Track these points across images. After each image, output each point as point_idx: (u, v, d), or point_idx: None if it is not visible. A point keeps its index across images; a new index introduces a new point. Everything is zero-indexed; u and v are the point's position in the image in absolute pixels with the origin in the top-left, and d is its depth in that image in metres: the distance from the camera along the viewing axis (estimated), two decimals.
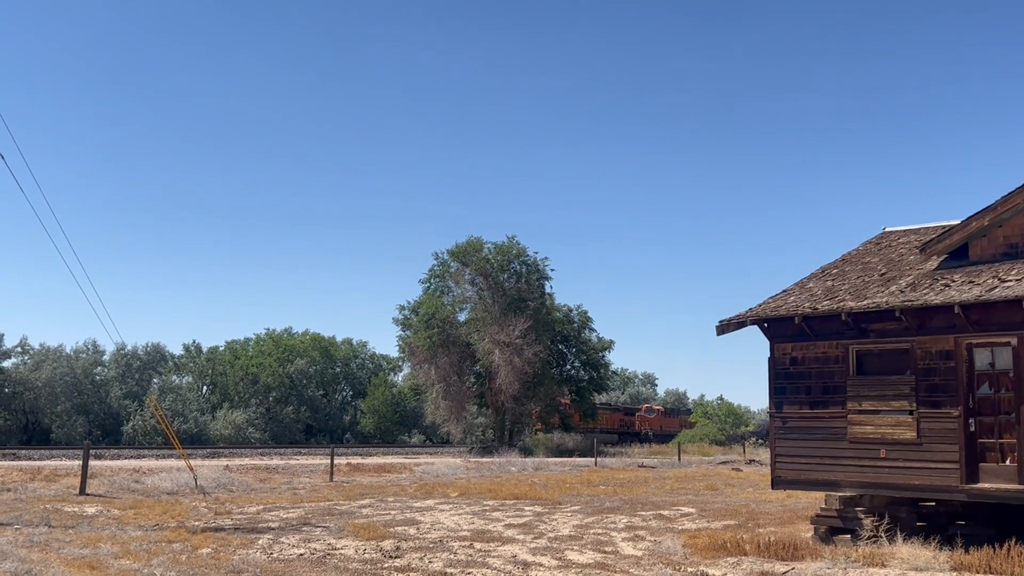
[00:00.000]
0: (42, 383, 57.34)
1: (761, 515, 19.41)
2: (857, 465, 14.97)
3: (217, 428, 59.69)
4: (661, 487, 27.86)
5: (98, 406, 59.54)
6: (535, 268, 55.41)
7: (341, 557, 12.73)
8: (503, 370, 51.06)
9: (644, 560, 12.86)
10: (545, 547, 14.07)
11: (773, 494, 22.40)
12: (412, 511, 19.46)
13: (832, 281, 16.82)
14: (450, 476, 31.16)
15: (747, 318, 16.29)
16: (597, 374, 61.01)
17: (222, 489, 24.23)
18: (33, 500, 19.82)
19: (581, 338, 60.00)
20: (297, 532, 15.44)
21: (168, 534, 14.62)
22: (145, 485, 23.90)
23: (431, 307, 53.83)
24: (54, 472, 25.51)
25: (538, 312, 53.77)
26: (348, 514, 18.56)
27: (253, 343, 75.59)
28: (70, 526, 15.53)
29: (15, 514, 16.82)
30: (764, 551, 13.24)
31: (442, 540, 14.68)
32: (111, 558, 11.99)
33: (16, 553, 11.94)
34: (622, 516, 19.02)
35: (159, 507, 19.11)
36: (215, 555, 12.54)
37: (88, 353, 63.42)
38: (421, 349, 53.32)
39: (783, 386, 16.06)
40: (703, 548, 13.74)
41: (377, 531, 15.43)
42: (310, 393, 71.99)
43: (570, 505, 21.37)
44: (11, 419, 56.58)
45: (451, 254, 55.41)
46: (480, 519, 18.05)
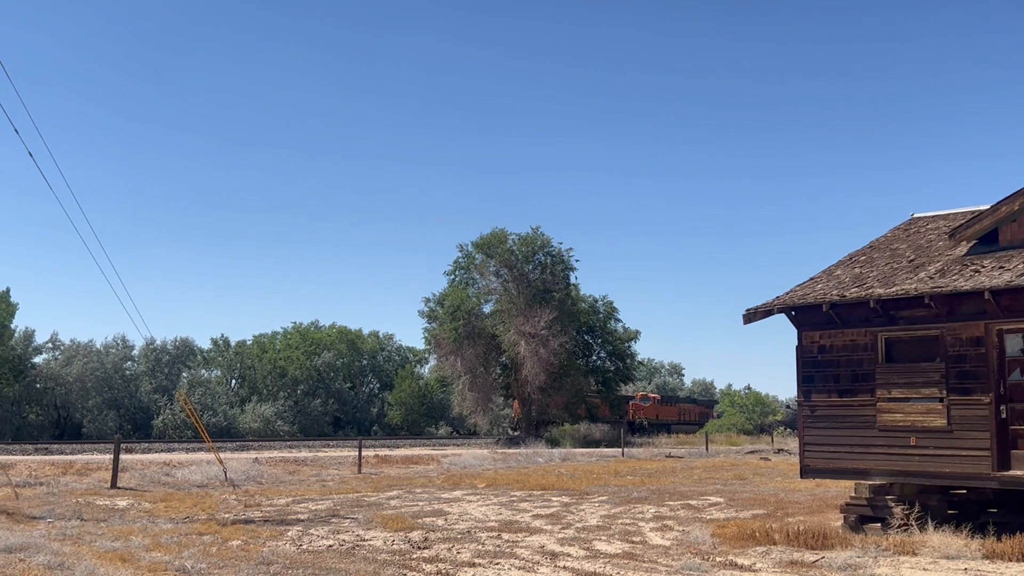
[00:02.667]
0: (73, 378, 57.95)
1: (790, 504, 19.32)
2: (887, 453, 14.85)
3: (246, 421, 60.11)
4: (689, 477, 27.78)
5: (128, 400, 60.10)
6: (560, 259, 55.34)
7: (370, 548, 12.78)
8: (529, 361, 51.06)
9: (672, 550, 12.83)
10: (573, 537, 14.06)
11: (802, 483, 22.29)
12: (440, 502, 19.51)
13: (860, 268, 16.67)
14: (477, 467, 31.22)
15: (774, 306, 16.18)
16: (623, 364, 60.92)
17: (251, 482, 24.40)
18: (65, 494, 20.04)
19: (607, 329, 59.90)
20: (326, 524, 15.52)
21: (198, 526, 14.73)
22: (175, 478, 24.10)
23: (456, 299, 53.89)
24: (86, 466, 25.78)
25: (563, 303, 53.72)
26: (376, 505, 18.63)
27: (281, 337, 76.07)
28: (102, 519, 15.69)
29: (48, 508, 17.01)
30: (793, 540, 13.17)
31: (470, 531, 14.71)
32: (142, 551, 12.10)
33: (49, 546, 12.07)
34: (650, 506, 18.98)
35: (189, 500, 19.27)
36: (245, 547, 12.63)
37: (118, 348, 64.01)
38: (447, 341, 53.39)
39: (811, 374, 15.94)
40: (732, 538, 13.69)
41: (405, 522, 15.47)
42: (337, 386, 72.36)
43: (597, 495, 21.35)
44: (43, 414, 57.21)
45: (476, 246, 55.44)
46: (508, 510, 18.07)
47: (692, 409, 78.97)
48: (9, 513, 15.87)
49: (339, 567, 11.21)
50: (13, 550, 11.57)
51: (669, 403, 76.10)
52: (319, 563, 11.49)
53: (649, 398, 70.97)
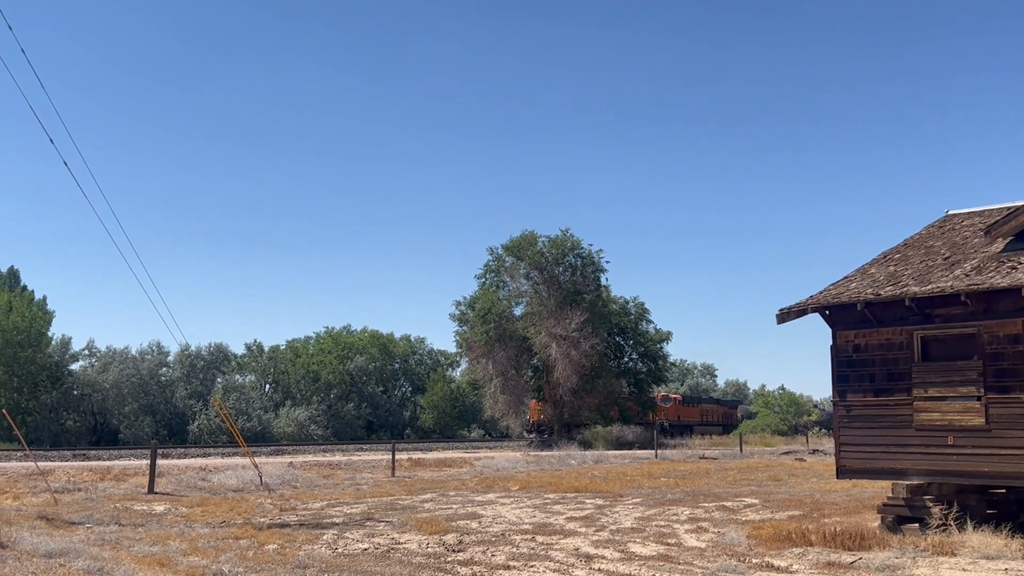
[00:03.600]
0: (110, 385, 58.55)
1: (826, 505, 19.16)
2: (924, 453, 14.69)
3: (280, 426, 60.49)
4: (723, 478, 27.62)
5: (164, 406, 60.65)
6: (590, 260, 55.21)
7: (405, 551, 12.83)
8: (560, 363, 50.96)
9: (708, 552, 12.76)
10: (607, 540, 14.03)
11: (838, 484, 22.10)
12: (473, 505, 19.53)
13: (895, 266, 16.51)
14: (510, 470, 31.23)
15: (808, 306, 16.06)
16: (655, 366, 60.62)
17: (286, 486, 24.55)
18: (103, 499, 20.26)
19: (638, 330, 59.66)
20: (361, 527, 15.58)
21: (235, 531, 14.84)
22: (211, 483, 24.29)
23: (487, 302, 53.91)
24: (123, 472, 26.04)
25: (594, 305, 53.57)
26: (410, 509, 18.69)
27: (313, 341, 76.51)
28: (139, 524, 15.86)
29: (86, 513, 17.20)
30: (830, 541, 13.06)
31: (504, 533, 14.71)
32: (180, 555, 12.21)
33: (88, 551, 12.21)
34: (684, 508, 18.89)
35: (225, 504, 19.42)
36: (281, 551, 12.71)
37: (153, 354, 64.63)
38: (478, 344, 53.41)
39: (846, 374, 15.81)
40: (768, 539, 13.60)
41: (439, 525, 15.51)
42: (370, 390, 72.64)
43: (631, 497, 21.29)
44: (80, 420, 57.85)
45: (506, 249, 55.42)
46: (541, 512, 18.06)
47: (715, 410, 76.84)
48: (49, 519, 16.07)
49: (374, 570, 11.25)
50: (53, 555, 11.72)
51: (691, 404, 73.64)
52: (355, 566, 11.54)
53: (670, 399, 68.03)
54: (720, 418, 75.67)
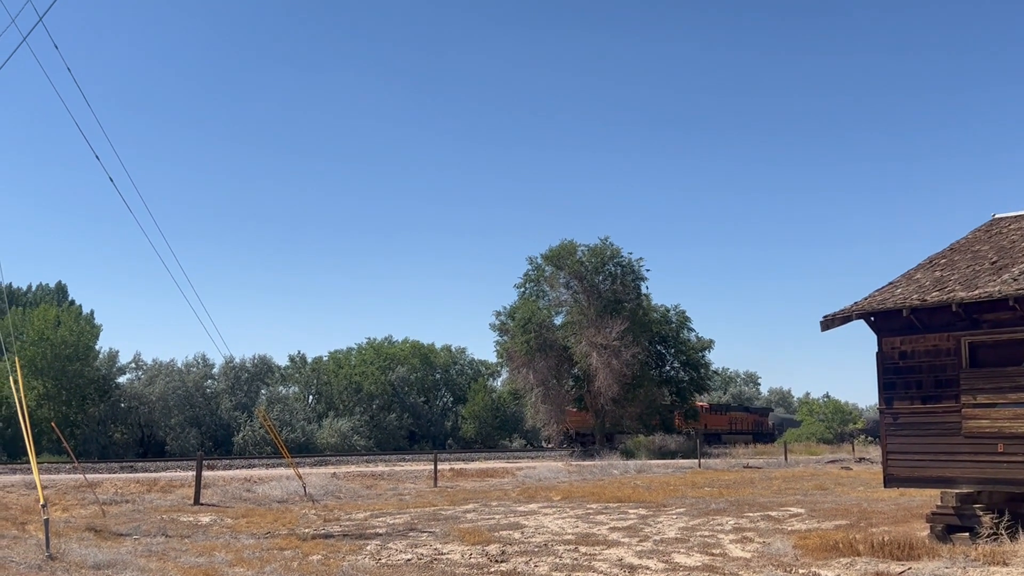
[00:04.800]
0: (156, 397, 59.21)
1: (874, 514, 18.88)
2: (973, 461, 14.44)
3: (323, 436, 60.80)
4: (768, 488, 27.34)
5: (209, 418, 61.20)
6: (630, 269, 54.99)
7: (448, 562, 12.83)
8: (601, 373, 50.75)
9: (753, 562, 12.63)
10: (651, 550, 13.93)
11: (885, 492, 21.77)
12: (516, 515, 19.49)
13: (941, 271, 16.26)
14: (552, 480, 31.14)
15: (852, 312, 15.87)
16: (697, 375, 60.15)
17: (330, 496, 24.67)
18: (150, 511, 20.49)
19: (679, 338, 59.27)
20: (404, 537, 15.61)
21: (279, 541, 14.94)
22: (256, 494, 24.47)
23: (527, 311, 53.87)
24: (169, 483, 26.33)
25: (635, 313, 53.34)
26: (453, 519, 18.69)
27: (355, 352, 76.93)
28: (186, 535, 16.01)
29: (134, 524, 17.40)
30: (878, 551, 12.87)
31: (547, 544, 14.66)
32: (226, 566, 12.31)
33: (136, 562, 12.34)
34: (729, 518, 18.72)
35: (270, 515, 19.55)
36: (325, 561, 12.77)
37: (199, 367, 65.26)
38: (519, 354, 53.35)
39: (893, 381, 15.58)
40: (814, 549, 13.43)
41: (482, 535, 15.49)
42: (412, 400, 72.84)
43: (675, 507, 21.13)
44: (128, 433, 58.55)
45: (545, 258, 55.37)
46: (584, 522, 17.98)
47: (745, 418, 74.30)
48: (97, 530, 16.28)
49: None
50: (101, 567, 11.86)
51: (719, 412, 70.71)
52: None
53: (696, 407, 64.03)
54: (750, 426, 73.62)
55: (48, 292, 79.43)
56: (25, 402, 14.83)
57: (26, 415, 14.40)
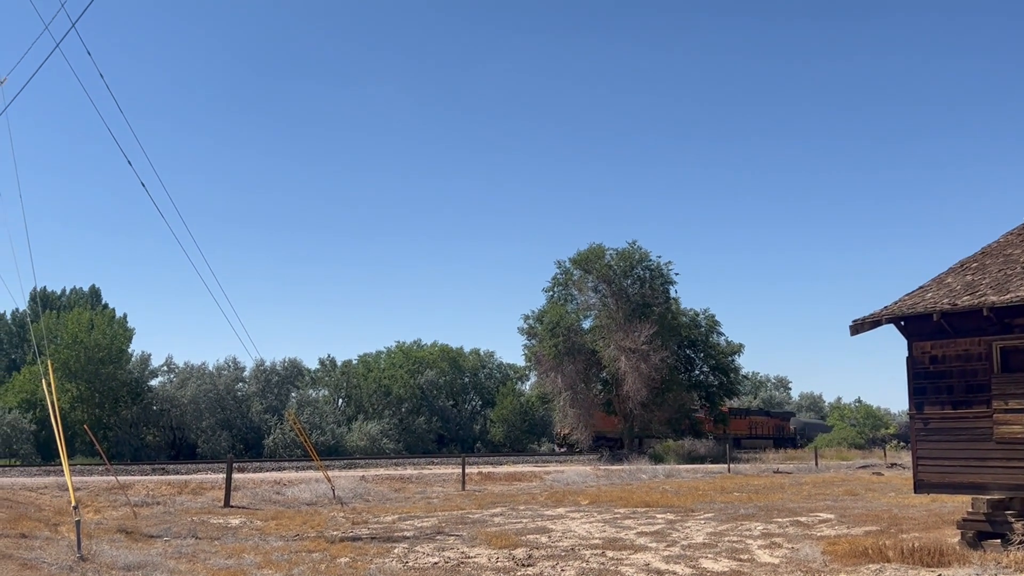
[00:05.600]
0: (187, 400, 59.70)
1: (904, 520, 18.71)
2: (1005, 467, 14.27)
3: (353, 439, 61.06)
4: (798, 493, 27.15)
5: (240, 421, 61.61)
6: (659, 273, 54.77)
7: (474, 565, 12.85)
8: (630, 377, 50.58)
9: (781, 568, 12.56)
10: (679, 555, 13.89)
11: (916, 498, 21.58)
12: (543, 519, 19.49)
13: (972, 275, 16.09)
14: (580, 484, 31.10)
15: (882, 317, 15.73)
16: (727, 379, 59.80)
17: (359, 499, 24.79)
18: (181, 513, 20.68)
19: (709, 342, 58.96)
20: (431, 541, 15.66)
21: (308, 544, 15.03)
22: (286, 496, 24.64)
23: (555, 315, 53.80)
24: (200, 485, 26.55)
25: (663, 317, 53.12)
26: (480, 523, 18.72)
27: (385, 356, 77.21)
28: (215, 537, 16.14)
29: (164, 526, 17.57)
30: (908, 557, 12.75)
31: (574, 548, 14.66)
32: (254, 568, 12.40)
33: (166, 564, 12.47)
34: (757, 523, 18.61)
35: (299, 518, 19.68)
36: (353, 564, 12.84)
37: (230, 370, 65.72)
38: (547, 357, 53.29)
39: (923, 386, 15.44)
40: (843, 555, 13.33)
41: (509, 539, 15.51)
42: (440, 403, 72.98)
43: (703, 512, 21.04)
44: (159, 435, 59.07)
45: (573, 262, 55.30)
46: (611, 527, 17.95)
47: (765, 422, 72.39)
48: (128, 532, 16.46)
49: None
50: (132, 568, 11.99)
51: (738, 416, 68.20)
52: None
53: (723, 411, 62.08)
54: (771, 431, 72.00)
55: (82, 296, 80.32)
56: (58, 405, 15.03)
57: (59, 418, 14.59)
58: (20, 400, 54.15)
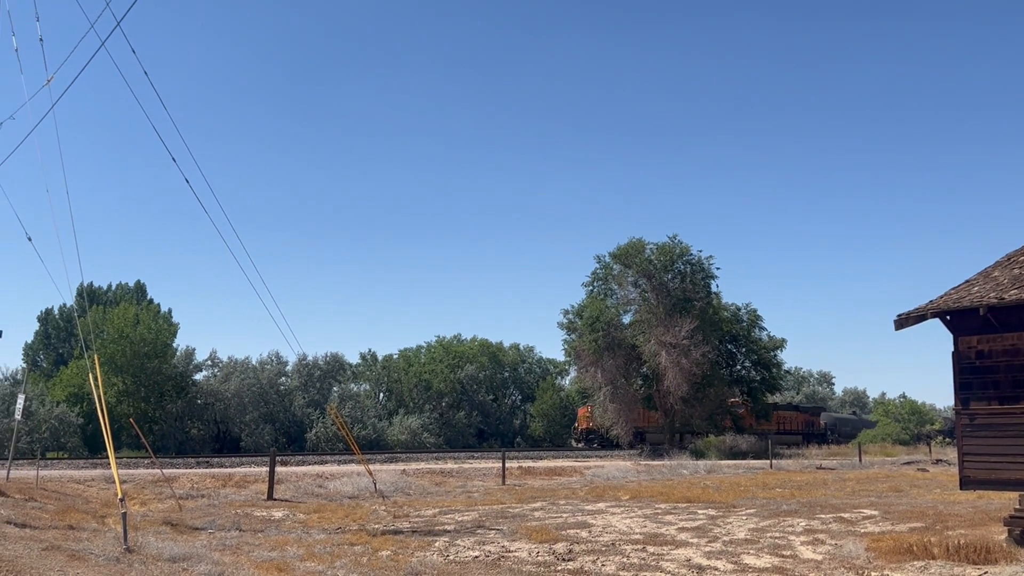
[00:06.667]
0: (231, 394, 60.37)
1: (949, 517, 18.45)
2: None
3: (394, 433, 61.41)
4: (841, 489, 26.88)
5: (283, 414, 62.19)
6: (699, 267, 54.42)
7: (515, 559, 12.87)
8: (670, 372, 50.35)
9: (824, 564, 12.44)
10: (720, 551, 13.81)
11: (962, 495, 21.28)
12: (583, 514, 19.47)
13: (1019, 269, 15.81)
14: (620, 479, 31.01)
15: (928, 311, 15.52)
16: (769, 374, 59.29)
17: (400, 493, 24.92)
18: (225, 505, 20.92)
19: (751, 337, 58.48)
20: (472, 535, 15.71)
21: (350, 537, 15.14)
22: (328, 490, 24.83)
23: (595, 310, 53.67)
24: (244, 478, 26.85)
25: (704, 312, 52.80)
26: (521, 517, 18.74)
27: (425, 350, 77.56)
28: (259, 530, 16.32)
29: (209, 519, 17.79)
30: (953, 554, 12.58)
31: (614, 543, 14.63)
32: (297, 560, 12.52)
33: (210, 556, 12.62)
34: (800, 519, 18.45)
35: (341, 511, 19.82)
36: (394, 557, 12.91)
37: (272, 364, 66.35)
38: (587, 352, 53.20)
39: (969, 381, 15.21)
40: (887, 552, 13.18)
41: (549, 534, 15.51)
42: (480, 398, 73.16)
43: (745, 508, 20.90)
44: (204, 429, 59.79)
45: (613, 256, 55.11)
46: (652, 522, 17.89)
47: (794, 417, 70.69)
48: (173, 524, 16.69)
49: None
50: (177, 559, 12.15)
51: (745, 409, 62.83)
52: (466, 574, 11.65)
53: (740, 405, 60.64)
54: (800, 426, 70.56)
55: (128, 291, 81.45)
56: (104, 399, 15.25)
57: (105, 411, 14.82)
58: (68, 394, 55.06)
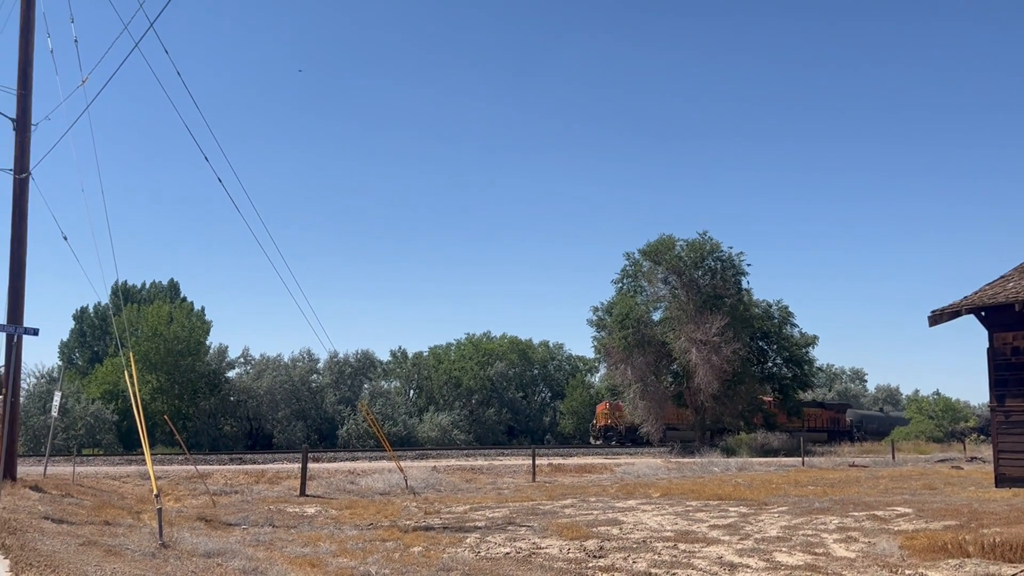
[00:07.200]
0: (263, 391, 60.86)
1: (985, 515, 18.24)
2: None
3: (424, 430, 61.66)
4: (874, 487, 26.65)
5: (315, 411, 62.60)
6: (730, 263, 54.14)
7: (546, 556, 12.89)
8: (701, 369, 50.15)
9: (858, 562, 12.35)
10: (752, 548, 13.75)
11: (997, 492, 20.99)
12: (614, 511, 19.45)
13: None
14: (651, 476, 30.94)
15: (962, 307, 15.39)
16: (800, 371, 58.87)
17: (430, 489, 25.01)
18: (258, 501, 21.09)
19: (782, 334, 58.10)
20: (503, 531, 15.74)
21: (382, 533, 15.22)
22: (359, 486, 24.96)
23: (625, 307, 53.54)
24: (276, 475, 27.06)
25: (735, 309, 52.52)
26: (551, 514, 18.75)
27: (455, 348, 77.78)
28: (292, 526, 16.44)
29: (242, 515, 17.94)
30: (989, 553, 12.44)
31: (646, 540, 14.60)
32: (330, 556, 12.61)
33: (244, 551, 12.73)
34: (833, 517, 18.32)
35: (373, 507, 19.92)
36: (426, 553, 12.97)
37: (304, 361, 66.80)
38: (616, 350, 53.08)
39: (1004, 378, 15.06)
40: (921, 550, 13.05)
41: (580, 531, 15.51)
42: (510, 395, 73.26)
43: (777, 506, 20.78)
44: (237, 425, 60.33)
45: (643, 253, 54.95)
46: (683, 520, 17.84)
47: (819, 414, 69.09)
48: (207, 520, 16.85)
49: (516, 574, 11.35)
50: (212, 555, 12.27)
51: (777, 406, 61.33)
52: (497, 570, 11.67)
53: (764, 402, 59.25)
54: (824, 423, 69.17)
55: (161, 289, 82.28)
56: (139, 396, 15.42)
57: (140, 408, 14.99)
58: (103, 391, 55.75)
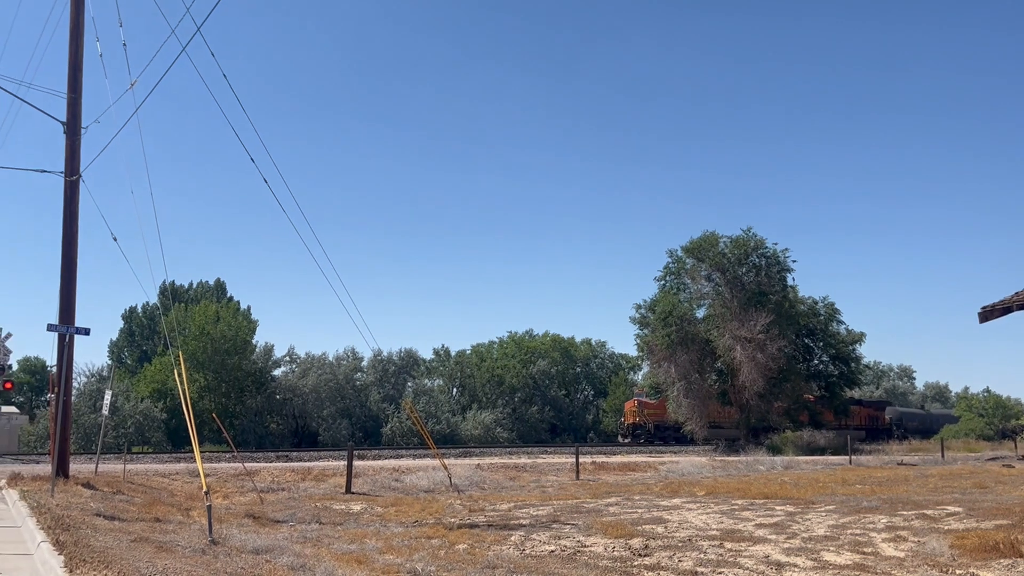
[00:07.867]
0: (309, 389, 61.40)
1: None
2: None
3: (467, 428, 61.84)
4: (923, 485, 26.30)
5: (359, 409, 63.03)
6: (775, 260, 53.58)
7: (591, 554, 12.88)
8: (745, 367, 49.71)
9: (907, 562, 12.20)
10: (799, 547, 13.63)
11: None
12: (659, 510, 19.38)
13: None
14: (696, 475, 30.79)
15: (1014, 303, 15.09)
16: (847, 368, 58.10)
17: (474, 487, 25.10)
18: (305, 499, 21.30)
19: (828, 331, 57.36)
20: (547, 529, 15.75)
21: (427, 530, 15.30)
22: (404, 483, 25.11)
23: (668, 304, 53.23)
24: (322, 472, 27.30)
25: (780, 306, 52.00)
26: (595, 512, 18.73)
27: (497, 346, 77.89)
28: (338, 523, 16.59)
29: (289, 512, 18.13)
30: None
31: (691, 539, 14.54)
32: (376, 553, 12.70)
33: (292, 548, 12.86)
34: (881, 516, 18.11)
35: (417, 504, 20.04)
36: (471, 550, 13.02)
37: (348, 360, 67.27)
38: (659, 347, 52.77)
39: None
40: (972, 549, 12.86)
41: (625, 529, 15.48)
42: (553, 393, 73.21)
43: (824, 504, 20.58)
44: (283, 423, 60.93)
45: (686, 250, 54.58)
46: (729, 518, 17.73)
47: (858, 412, 67.09)
48: (255, 517, 17.05)
49: (561, 572, 11.36)
50: (260, 552, 12.41)
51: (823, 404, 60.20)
52: (542, 568, 11.69)
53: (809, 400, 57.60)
54: (863, 421, 67.76)
55: (208, 289, 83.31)
56: (188, 394, 15.63)
57: (190, 406, 15.20)
58: (151, 390, 56.58)
